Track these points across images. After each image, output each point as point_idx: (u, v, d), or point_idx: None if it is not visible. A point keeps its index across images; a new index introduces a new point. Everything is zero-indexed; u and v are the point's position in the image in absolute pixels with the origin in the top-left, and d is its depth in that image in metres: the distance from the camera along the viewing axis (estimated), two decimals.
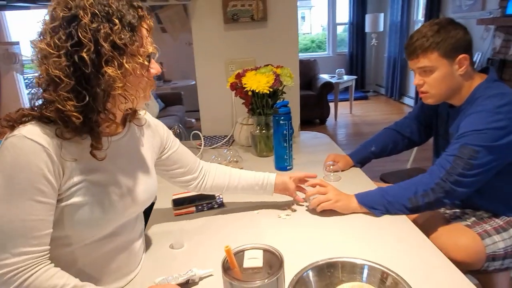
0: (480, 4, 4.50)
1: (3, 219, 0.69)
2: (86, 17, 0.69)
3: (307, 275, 0.79)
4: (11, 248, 0.69)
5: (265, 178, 1.22)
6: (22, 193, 0.69)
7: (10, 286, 0.69)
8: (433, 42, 1.20)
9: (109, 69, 0.71)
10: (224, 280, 0.62)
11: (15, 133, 0.71)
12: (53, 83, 0.70)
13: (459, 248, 1.17)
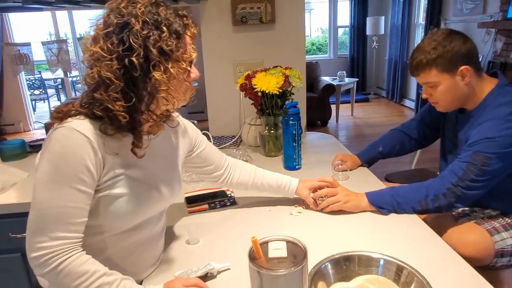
0: (481, 8, 4.55)
1: (45, 204, 0.73)
2: (137, 24, 0.74)
3: (325, 267, 0.83)
4: (50, 232, 0.73)
5: (287, 183, 1.26)
6: (66, 181, 0.74)
7: (45, 268, 0.73)
8: (429, 59, 1.23)
9: (156, 73, 0.76)
10: (251, 269, 0.65)
11: (65, 125, 0.75)
12: (104, 84, 0.75)
13: (468, 244, 1.19)
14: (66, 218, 0.74)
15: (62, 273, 0.73)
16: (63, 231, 0.74)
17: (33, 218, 0.74)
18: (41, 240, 0.73)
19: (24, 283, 1.47)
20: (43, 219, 0.73)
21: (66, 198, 0.74)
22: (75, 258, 0.75)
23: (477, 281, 0.89)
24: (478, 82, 1.28)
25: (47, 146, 0.76)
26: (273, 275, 0.63)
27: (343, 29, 7.95)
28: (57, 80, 7.75)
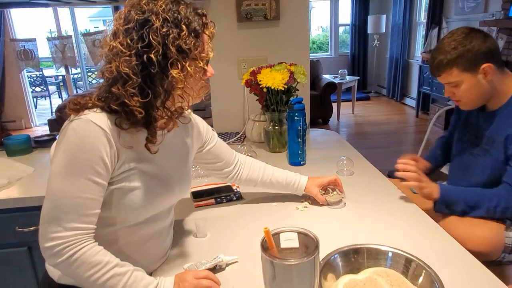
0: (483, 6, 4.55)
1: (60, 194, 0.74)
2: (157, 21, 0.75)
3: (334, 259, 0.84)
4: (65, 223, 0.74)
5: (296, 181, 1.27)
6: (81, 172, 0.74)
7: (59, 258, 0.74)
8: (450, 59, 1.23)
9: (173, 71, 0.77)
10: (263, 259, 0.66)
11: (82, 117, 0.76)
12: (122, 79, 0.76)
13: (477, 239, 1.20)
14: (81, 209, 0.75)
15: (76, 263, 0.74)
16: (77, 222, 0.75)
17: (47, 208, 0.75)
18: (55, 230, 0.73)
19: (31, 277, 1.47)
20: (58, 209, 0.74)
21: (82, 189, 0.74)
22: (88, 249, 0.75)
23: (485, 275, 0.90)
24: (502, 79, 1.28)
25: (64, 137, 0.76)
26: (286, 264, 0.64)
27: (344, 27, 7.95)
28: (58, 77, 7.75)
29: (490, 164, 1.32)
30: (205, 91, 0.90)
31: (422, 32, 6.15)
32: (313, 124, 5.58)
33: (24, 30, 6.10)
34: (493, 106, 1.33)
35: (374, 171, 1.56)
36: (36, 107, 6.87)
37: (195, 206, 1.29)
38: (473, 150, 1.41)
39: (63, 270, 0.79)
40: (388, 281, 0.82)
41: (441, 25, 5.45)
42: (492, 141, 1.32)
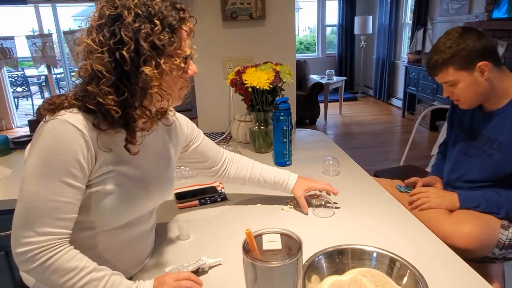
0: (467, 8, 4.62)
1: (33, 197, 0.71)
2: (129, 16, 0.72)
3: (318, 260, 0.82)
4: (37, 227, 0.70)
5: (285, 180, 1.22)
6: (56, 174, 0.71)
7: (31, 264, 0.70)
8: (445, 59, 1.25)
9: (146, 68, 0.73)
10: (245, 261, 0.64)
11: (57, 117, 0.73)
12: (96, 77, 0.73)
13: (463, 236, 1.20)
14: (55, 213, 0.72)
15: (50, 269, 0.71)
16: (51, 226, 0.71)
17: (19, 212, 0.72)
18: (27, 235, 0.70)
19: (8, 282, 1.43)
20: (30, 213, 0.71)
21: (56, 192, 0.71)
22: (62, 254, 0.72)
23: (469, 274, 0.90)
24: (501, 77, 1.29)
25: (38, 138, 0.73)
26: (268, 267, 0.62)
27: (331, 28, 8.00)
28: (40, 77, 7.60)
29: (491, 165, 1.32)
30: (186, 90, 0.87)
31: (408, 33, 6.22)
32: (301, 125, 5.59)
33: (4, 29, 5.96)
34: (491, 105, 1.33)
35: (360, 171, 1.56)
36: (17, 108, 6.73)
37: (178, 208, 1.27)
38: (468, 150, 1.41)
39: (36, 277, 0.76)
40: (372, 282, 0.80)
41: (426, 26, 5.52)
42: (494, 141, 1.32)
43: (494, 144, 1.31)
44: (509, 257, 1.31)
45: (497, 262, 1.35)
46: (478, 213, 1.29)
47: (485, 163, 1.34)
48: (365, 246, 0.86)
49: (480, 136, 1.37)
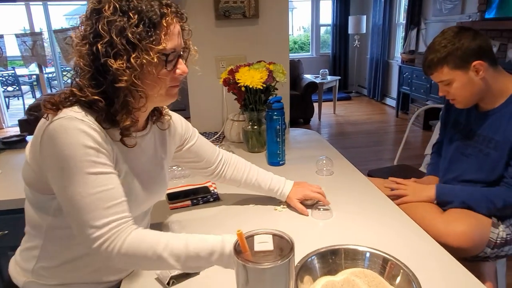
0: (460, 8, 4.65)
1: (76, 198, 0.71)
2: (108, 10, 0.71)
3: (311, 261, 0.81)
4: (93, 222, 0.71)
5: (280, 188, 1.20)
6: (85, 168, 0.71)
7: (111, 256, 0.72)
8: (440, 58, 1.25)
9: (115, 63, 0.72)
10: (236, 263, 0.63)
11: (63, 115, 0.72)
12: (79, 70, 0.75)
13: (456, 235, 1.20)
14: (102, 204, 0.72)
15: (128, 254, 0.73)
16: (104, 217, 0.71)
17: (73, 217, 0.72)
18: (90, 233, 0.71)
19: None
20: (81, 213, 0.71)
21: (93, 185, 0.71)
22: (132, 237, 0.74)
23: (462, 273, 0.90)
24: (497, 77, 1.29)
25: (50, 142, 0.71)
26: (259, 268, 0.61)
27: (325, 28, 8.01)
28: (32, 77, 7.52)
29: (487, 164, 1.32)
30: (175, 88, 0.85)
31: (402, 33, 6.24)
32: (295, 124, 5.58)
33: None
34: (486, 105, 1.34)
35: (353, 170, 1.56)
36: (8, 107, 6.65)
37: (170, 208, 1.25)
38: (464, 150, 1.41)
39: (125, 266, 0.80)
40: (365, 282, 0.80)
41: (419, 26, 5.54)
42: (490, 140, 1.32)
43: (490, 143, 1.31)
44: (501, 255, 1.32)
45: (490, 260, 1.35)
46: (470, 212, 1.29)
47: (482, 162, 1.34)
48: (358, 246, 0.86)
49: (476, 135, 1.37)
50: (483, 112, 1.35)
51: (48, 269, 0.86)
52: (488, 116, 1.33)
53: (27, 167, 0.81)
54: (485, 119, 1.34)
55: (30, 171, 0.80)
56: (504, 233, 1.28)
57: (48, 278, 0.86)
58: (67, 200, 0.72)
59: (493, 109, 1.32)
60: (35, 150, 0.76)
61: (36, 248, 0.85)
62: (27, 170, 0.81)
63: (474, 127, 1.38)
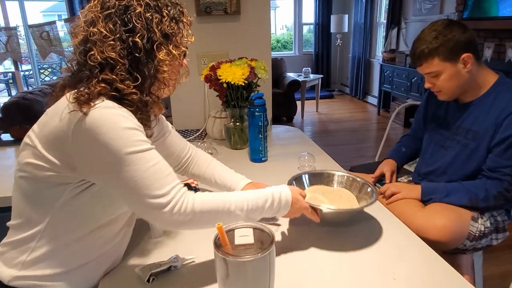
0: (438, 8, 4.74)
1: (136, 175, 0.73)
2: (139, 7, 0.77)
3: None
4: (158, 191, 0.75)
5: (233, 184, 1.20)
6: (134, 148, 0.74)
7: (184, 215, 0.76)
8: (432, 48, 1.25)
9: (159, 54, 0.79)
10: (216, 257, 0.63)
11: (100, 105, 0.73)
12: (108, 65, 0.76)
13: (436, 229, 1.23)
14: (161, 173, 0.77)
15: (201, 212, 0.78)
16: (168, 184, 0.76)
17: (136, 195, 0.74)
18: (157, 202, 0.74)
19: None
20: (144, 186, 0.74)
21: (148, 159, 0.75)
22: (199, 196, 0.79)
23: (442, 266, 0.91)
24: (480, 71, 1.32)
25: (96, 131, 0.71)
26: (239, 261, 0.61)
27: (308, 26, 8.04)
28: (7, 74, 7.31)
29: (466, 154, 1.35)
30: (187, 76, 0.96)
31: (383, 32, 6.33)
32: (278, 122, 5.59)
33: None
34: (467, 97, 1.36)
35: (335, 166, 1.57)
36: None
37: None
38: (444, 143, 1.44)
39: (197, 226, 0.80)
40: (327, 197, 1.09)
41: (400, 25, 5.63)
42: (468, 131, 1.35)
43: (469, 134, 1.34)
44: (478, 248, 1.35)
45: (467, 253, 1.38)
46: (450, 206, 1.32)
47: (461, 154, 1.37)
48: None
49: (455, 127, 1.40)
50: (462, 104, 1.38)
51: (44, 258, 0.83)
52: (467, 108, 1.36)
53: (36, 161, 0.78)
54: (464, 111, 1.37)
55: (43, 164, 0.77)
56: (483, 227, 1.31)
57: (43, 268, 0.83)
58: (124, 183, 0.73)
59: (472, 101, 1.35)
60: (59, 142, 0.75)
61: (33, 240, 0.82)
62: (35, 164, 0.78)
63: (453, 120, 1.41)
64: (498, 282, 1.97)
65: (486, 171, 1.29)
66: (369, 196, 1.08)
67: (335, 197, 1.12)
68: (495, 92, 1.30)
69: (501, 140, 1.24)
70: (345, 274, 0.88)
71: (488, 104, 1.30)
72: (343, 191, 1.16)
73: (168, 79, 0.85)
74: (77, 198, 0.80)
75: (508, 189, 1.26)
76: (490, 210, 1.34)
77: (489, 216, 1.33)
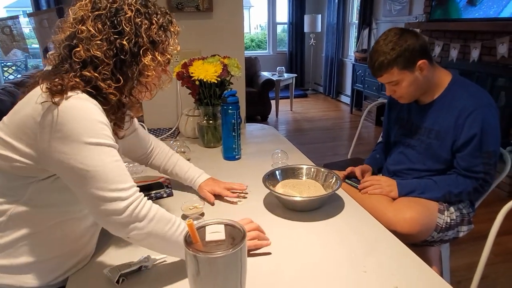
0: (407, 10, 4.88)
1: (99, 165, 0.73)
2: (130, 11, 0.79)
3: None
4: (120, 184, 0.75)
5: (194, 178, 1.26)
6: (102, 141, 0.75)
7: (136, 220, 0.75)
8: (390, 60, 1.29)
9: (145, 59, 0.82)
10: (187, 254, 0.61)
11: (74, 96, 0.74)
12: (92, 63, 0.77)
13: (405, 222, 1.26)
14: (124, 170, 0.77)
15: (155, 219, 0.78)
16: (129, 181, 0.77)
17: (92, 185, 0.73)
18: (118, 196, 0.74)
19: None
20: (106, 178, 0.73)
21: (113, 154, 0.77)
22: (154, 205, 0.80)
23: (410, 258, 0.93)
24: (434, 72, 1.37)
25: (67, 119, 0.72)
26: (210, 257, 0.60)
27: (282, 26, 8.09)
28: None
29: (430, 153, 1.40)
30: (169, 82, 0.96)
31: (355, 32, 6.44)
32: (252, 121, 5.60)
33: None
34: (426, 98, 1.42)
35: (308, 162, 1.58)
36: None
37: None
38: (409, 143, 1.49)
39: (143, 232, 0.77)
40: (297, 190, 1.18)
41: (371, 26, 5.75)
42: (431, 131, 1.40)
43: (431, 133, 1.39)
44: (446, 240, 1.39)
45: (435, 245, 1.43)
46: (418, 199, 1.36)
47: (425, 152, 1.42)
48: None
49: (418, 128, 1.45)
50: (422, 105, 1.44)
51: (3, 248, 0.81)
52: (427, 109, 1.42)
53: (2, 151, 0.77)
54: (425, 112, 1.43)
55: (10, 154, 0.76)
56: (449, 218, 1.36)
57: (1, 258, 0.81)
58: (85, 172, 0.72)
59: (431, 102, 1.41)
60: (27, 129, 0.75)
61: None
62: (2, 154, 0.77)
63: (416, 121, 1.46)
64: (464, 273, 2.04)
65: (460, 171, 1.34)
66: (334, 184, 1.21)
67: (304, 188, 1.23)
68: (451, 91, 1.37)
69: (468, 139, 1.30)
70: (317, 268, 0.89)
71: (447, 104, 1.36)
72: (310, 182, 1.27)
73: (151, 83, 0.88)
74: (43, 192, 0.79)
75: (483, 185, 1.33)
76: (456, 202, 1.39)
77: (456, 208, 1.38)
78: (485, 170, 1.31)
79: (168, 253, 0.86)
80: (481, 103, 1.29)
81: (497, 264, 2.18)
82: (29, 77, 1.39)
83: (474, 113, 1.28)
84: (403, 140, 1.52)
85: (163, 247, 0.83)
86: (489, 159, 1.30)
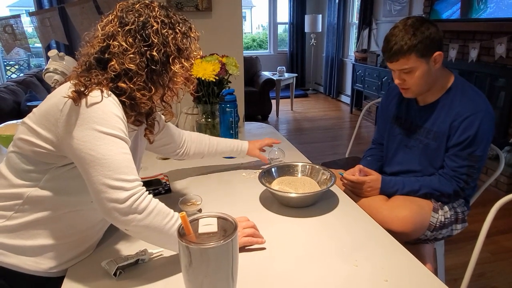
0: (407, 10, 4.89)
1: (109, 155, 0.77)
2: (156, 24, 0.84)
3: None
4: (125, 175, 0.78)
5: (239, 147, 1.44)
6: (115, 132, 0.79)
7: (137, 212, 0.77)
8: (410, 45, 1.25)
9: (174, 66, 0.87)
10: (180, 245, 0.64)
11: (98, 92, 0.80)
12: (126, 76, 0.84)
13: (399, 220, 1.27)
14: (131, 163, 0.80)
15: (154, 212, 0.80)
16: (134, 174, 0.80)
17: (100, 172, 0.76)
18: (119, 186, 0.76)
19: None
20: (113, 167, 0.77)
21: (123, 146, 0.80)
22: (151, 197, 0.82)
23: (404, 255, 0.95)
24: (442, 70, 1.36)
25: (83, 108, 0.77)
26: (202, 249, 0.62)
27: (283, 26, 8.10)
28: None
29: (428, 154, 1.41)
30: (192, 84, 1.02)
31: (355, 32, 6.45)
32: (253, 121, 5.61)
33: None
34: (427, 98, 1.41)
35: (304, 160, 1.60)
36: None
37: None
38: (408, 142, 1.49)
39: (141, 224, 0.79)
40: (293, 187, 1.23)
41: (371, 26, 5.76)
42: (429, 132, 1.40)
43: (429, 134, 1.40)
44: (439, 238, 1.41)
45: (429, 243, 1.44)
46: (413, 198, 1.37)
47: (422, 153, 1.43)
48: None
49: (418, 128, 1.45)
50: (423, 106, 1.44)
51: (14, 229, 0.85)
52: (427, 109, 1.41)
53: (27, 136, 0.83)
54: (425, 112, 1.42)
55: (33, 139, 0.82)
56: (443, 217, 1.37)
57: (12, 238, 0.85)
58: (95, 158, 0.76)
59: (432, 103, 1.40)
60: (50, 116, 0.80)
61: (10, 210, 0.85)
62: (25, 139, 0.83)
63: (415, 121, 1.46)
64: (461, 271, 2.06)
65: (444, 170, 1.36)
66: (328, 181, 1.25)
67: (299, 184, 1.26)
68: (452, 94, 1.36)
69: (459, 142, 1.31)
70: (309, 261, 0.91)
71: (447, 106, 1.36)
72: (306, 179, 1.30)
73: (179, 88, 0.94)
74: (59, 180, 0.85)
75: (464, 188, 1.34)
76: (450, 201, 1.40)
77: (450, 207, 1.40)
78: (468, 173, 1.32)
79: (165, 246, 0.88)
80: (478, 109, 1.29)
81: (494, 262, 2.19)
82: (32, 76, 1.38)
83: (470, 118, 1.28)
84: (402, 141, 1.52)
85: (160, 240, 0.85)
86: (475, 163, 1.30)
